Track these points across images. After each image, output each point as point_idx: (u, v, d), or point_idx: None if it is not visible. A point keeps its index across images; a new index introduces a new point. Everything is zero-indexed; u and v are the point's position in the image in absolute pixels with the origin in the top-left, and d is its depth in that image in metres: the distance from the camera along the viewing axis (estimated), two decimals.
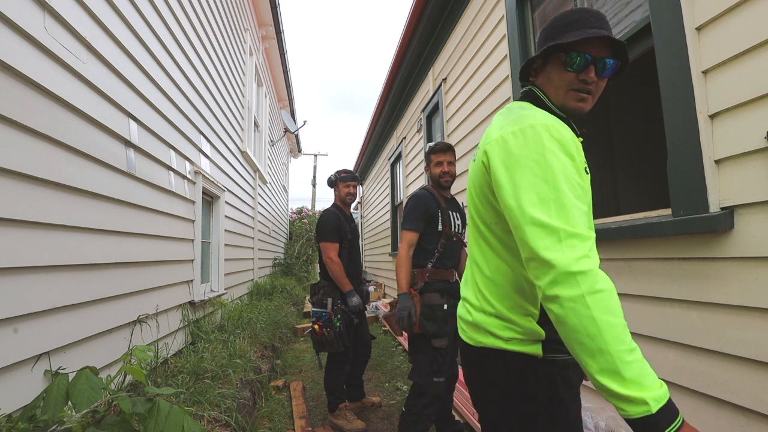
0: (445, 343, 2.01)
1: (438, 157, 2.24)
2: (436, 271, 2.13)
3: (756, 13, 1.23)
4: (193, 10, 3.13)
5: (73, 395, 0.90)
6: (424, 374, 2.00)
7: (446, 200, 2.25)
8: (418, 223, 2.13)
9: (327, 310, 2.56)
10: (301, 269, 9.23)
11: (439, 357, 2.00)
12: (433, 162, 2.26)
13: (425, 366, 2.01)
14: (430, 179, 2.30)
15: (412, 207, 2.17)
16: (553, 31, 0.94)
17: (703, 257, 1.37)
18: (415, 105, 5.43)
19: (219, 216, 3.94)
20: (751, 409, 1.22)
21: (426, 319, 2.03)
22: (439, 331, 2.02)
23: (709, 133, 1.36)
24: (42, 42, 1.47)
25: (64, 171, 1.58)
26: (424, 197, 2.19)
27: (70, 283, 1.61)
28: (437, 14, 4.09)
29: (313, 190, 19.60)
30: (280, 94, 8.80)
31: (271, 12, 6.02)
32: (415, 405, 1.99)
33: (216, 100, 3.80)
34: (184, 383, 2.13)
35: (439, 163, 2.24)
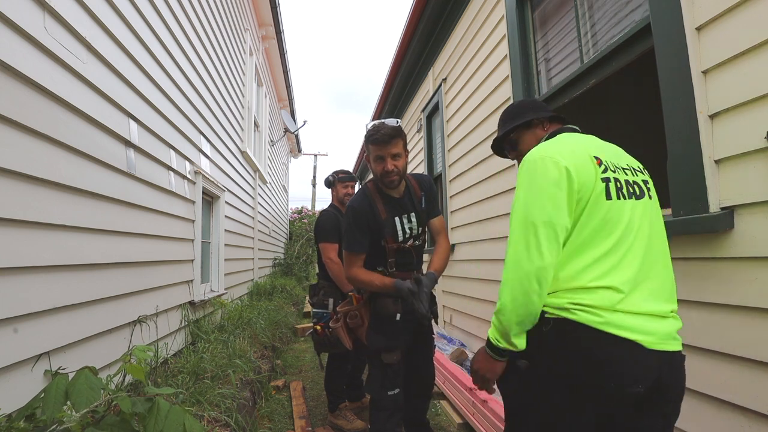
0: (396, 358, 1.79)
1: (378, 149, 1.71)
2: (391, 273, 1.83)
3: (756, 13, 1.23)
4: (193, 10, 3.13)
5: (72, 395, 0.90)
6: (377, 388, 1.80)
7: (393, 202, 1.84)
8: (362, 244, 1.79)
9: (328, 310, 2.56)
10: (301, 269, 9.22)
11: (389, 371, 1.78)
12: (371, 154, 1.75)
13: (376, 380, 1.82)
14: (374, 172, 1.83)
15: (348, 222, 1.81)
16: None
17: (703, 257, 1.37)
18: (415, 105, 5.43)
19: (219, 216, 3.94)
20: (751, 409, 1.22)
21: (375, 331, 1.79)
22: (389, 345, 1.78)
23: (709, 133, 1.36)
24: (42, 42, 1.47)
25: (64, 171, 1.58)
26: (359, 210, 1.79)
27: (70, 283, 1.61)
28: (437, 14, 4.09)
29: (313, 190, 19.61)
30: (280, 94, 8.80)
31: (271, 12, 6.02)
32: (376, 420, 1.82)
33: (216, 100, 3.80)
34: (184, 383, 2.13)
35: (379, 158, 1.72)
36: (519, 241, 1.03)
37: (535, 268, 0.99)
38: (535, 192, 1.03)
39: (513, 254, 1.03)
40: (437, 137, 4.59)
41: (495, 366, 1.09)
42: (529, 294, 0.99)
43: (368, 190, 1.86)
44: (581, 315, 0.97)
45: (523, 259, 1.00)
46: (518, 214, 1.05)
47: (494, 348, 1.07)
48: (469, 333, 3.60)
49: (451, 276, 3.99)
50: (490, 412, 2.14)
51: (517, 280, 1.00)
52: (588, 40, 2.16)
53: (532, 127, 1.33)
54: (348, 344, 1.93)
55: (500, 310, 1.03)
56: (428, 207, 1.94)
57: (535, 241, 1.00)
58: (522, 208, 1.04)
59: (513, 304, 1.00)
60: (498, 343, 1.05)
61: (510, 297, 1.01)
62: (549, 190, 1.02)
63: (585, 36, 2.18)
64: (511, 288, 1.01)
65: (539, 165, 1.05)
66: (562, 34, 2.41)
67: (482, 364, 1.12)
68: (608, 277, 0.99)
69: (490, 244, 3.16)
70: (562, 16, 2.41)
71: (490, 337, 1.07)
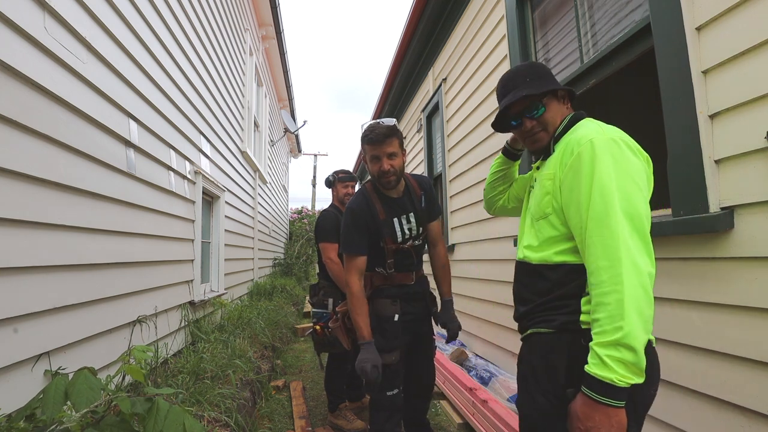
0: (395, 359, 1.77)
1: (374, 149, 1.69)
2: (390, 274, 1.83)
3: (756, 13, 1.23)
4: (193, 10, 3.13)
5: (72, 395, 0.90)
6: (376, 389, 1.78)
7: (391, 203, 1.82)
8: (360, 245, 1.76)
9: (328, 310, 2.57)
10: (301, 269, 9.23)
11: (388, 372, 1.76)
12: (367, 155, 1.74)
13: None
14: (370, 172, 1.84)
15: (345, 224, 1.79)
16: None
17: (703, 257, 1.37)
18: (415, 105, 5.43)
19: (219, 216, 3.94)
20: (751, 409, 1.22)
21: (374, 332, 1.76)
22: (387, 346, 1.75)
23: (709, 133, 1.36)
24: (42, 42, 1.47)
25: (64, 171, 1.58)
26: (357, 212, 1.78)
27: (70, 283, 1.61)
28: (437, 14, 4.09)
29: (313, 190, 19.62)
30: (280, 94, 8.80)
31: (271, 12, 6.02)
32: (376, 421, 1.81)
33: (216, 100, 3.80)
34: (184, 383, 2.13)
35: (375, 158, 1.71)
36: (628, 237, 0.82)
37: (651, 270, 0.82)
38: (632, 178, 0.88)
39: (627, 254, 0.81)
40: (437, 137, 4.59)
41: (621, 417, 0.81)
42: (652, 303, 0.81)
43: (366, 191, 1.84)
44: None
45: (639, 259, 0.81)
46: (618, 204, 0.85)
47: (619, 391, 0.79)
48: (469, 333, 3.60)
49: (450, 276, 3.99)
50: (490, 412, 2.14)
51: (641, 287, 0.80)
52: (588, 40, 2.16)
53: (559, 99, 1.13)
54: (347, 344, 1.93)
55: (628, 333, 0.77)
56: (428, 207, 1.93)
57: (644, 237, 0.84)
58: (621, 196, 0.85)
59: (641, 319, 0.78)
60: (628, 380, 0.78)
61: (637, 312, 0.78)
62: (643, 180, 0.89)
63: (585, 36, 2.18)
64: (636, 300, 0.79)
65: (626, 149, 0.90)
66: (562, 34, 2.41)
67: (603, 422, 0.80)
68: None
69: (490, 244, 3.16)
70: (562, 16, 2.41)
71: (614, 378, 0.78)
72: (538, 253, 1.06)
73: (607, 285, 0.81)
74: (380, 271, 1.84)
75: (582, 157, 0.92)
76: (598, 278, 0.83)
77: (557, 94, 1.12)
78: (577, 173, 0.93)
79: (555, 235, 1.02)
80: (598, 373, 0.80)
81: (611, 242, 0.83)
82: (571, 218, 0.95)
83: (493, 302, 3.07)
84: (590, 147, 0.91)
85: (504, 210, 1.48)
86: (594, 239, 0.86)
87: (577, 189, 0.93)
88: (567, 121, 1.09)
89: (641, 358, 0.78)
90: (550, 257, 1.02)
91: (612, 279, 0.81)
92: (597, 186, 0.88)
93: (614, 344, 0.78)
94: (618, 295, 0.79)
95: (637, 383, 0.79)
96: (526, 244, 1.12)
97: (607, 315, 0.80)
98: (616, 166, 0.88)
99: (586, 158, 0.91)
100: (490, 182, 1.47)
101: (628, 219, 0.84)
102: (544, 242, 1.05)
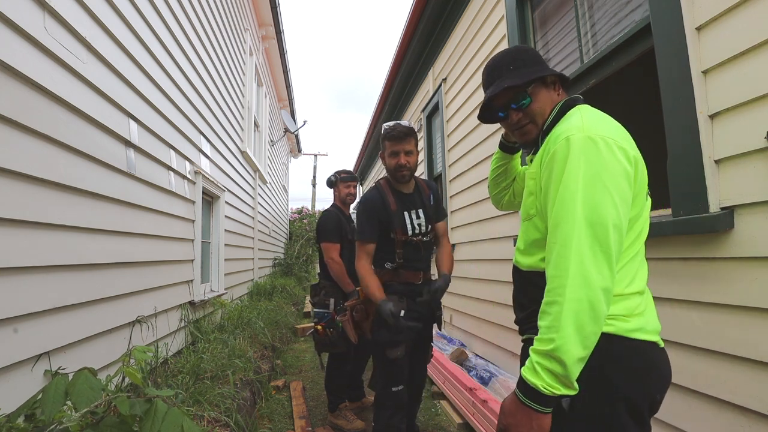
0: (400, 353, 1.81)
1: (394, 145, 1.85)
2: (397, 272, 1.90)
3: (756, 13, 1.23)
4: (193, 10, 3.13)
5: (73, 395, 0.90)
6: (380, 385, 1.84)
7: (403, 197, 1.94)
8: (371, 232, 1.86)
9: (329, 310, 2.57)
10: (301, 269, 9.23)
11: (394, 367, 1.82)
12: (387, 150, 1.88)
13: (381, 377, 1.85)
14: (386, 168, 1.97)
15: (361, 212, 1.90)
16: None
17: (703, 257, 1.37)
18: (415, 105, 5.43)
19: (219, 216, 3.94)
20: (751, 409, 1.22)
21: (378, 326, 1.83)
22: (393, 340, 1.80)
23: (709, 133, 1.36)
24: (42, 42, 1.47)
25: (64, 171, 1.58)
26: (372, 202, 1.90)
27: (70, 283, 1.61)
28: (437, 14, 4.09)
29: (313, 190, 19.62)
30: (280, 94, 8.80)
31: (271, 12, 6.02)
32: (380, 418, 1.84)
33: (216, 100, 3.80)
34: (183, 383, 2.13)
35: (394, 153, 1.86)
36: (584, 246, 0.79)
37: (606, 284, 0.78)
38: (604, 183, 0.81)
39: (578, 265, 0.78)
40: (437, 137, 4.59)
41: (543, 421, 0.82)
42: (599, 319, 0.77)
43: (380, 185, 1.98)
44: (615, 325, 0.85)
45: (593, 272, 0.77)
46: (581, 210, 0.80)
47: (544, 398, 0.79)
48: (469, 333, 3.60)
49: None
50: (490, 412, 2.14)
51: (587, 301, 0.77)
52: (588, 40, 2.16)
53: (548, 86, 1.03)
54: (353, 337, 1.99)
55: (559, 347, 0.77)
56: (436, 205, 2.05)
57: (606, 249, 0.79)
58: (585, 202, 0.81)
59: (579, 335, 0.76)
60: (553, 390, 0.78)
61: (574, 325, 0.77)
62: (620, 185, 0.82)
63: (585, 36, 2.18)
64: (576, 314, 0.77)
65: (604, 149, 0.83)
66: (562, 34, 2.41)
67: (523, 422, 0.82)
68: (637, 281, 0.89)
69: (490, 244, 3.16)
70: (562, 16, 2.41)
71: (539, 385, 0.79)
72: (526, 258, 1.04)
73: (552, 295, 0.81)
74: (388, 266, 1.91)
75: (556, 156, 0.87)
76: (549, 286, 0.83)
77: (546, 80, 1.03)
78: (550, 174, 0.88)
79: (538, 238, 0.98)
80: (527, 377, 0.81)
81: (563, 251, 0.80)
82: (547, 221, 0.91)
83: (493, 302, 3.07)
84: (565, 146, 0.86)
85: (511, 205, 1.40)
86: (551, 246, 0.84)
87: (549, 190, 0.88)
88: (557, 111, 1.00)
89: (571, 371, 0.77)
90: (537, 264, 0.99)
91: (556, 290, 0.80)
92: (562, 190, 0.84)
93: (545, 354, 0.79)
94: (558, 307, 0.78)
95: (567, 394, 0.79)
96: (517, 247, 1.10)
97: (546, 325, 0.80)
98: (588, 168, 0.82)
99: (559, 158, 0.86)
100: (492, 179, 1.40)
101: (588, 227, 0.79)
102: (530, 245, 1.01)
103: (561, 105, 1.01)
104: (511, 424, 0.84)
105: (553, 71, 1.03)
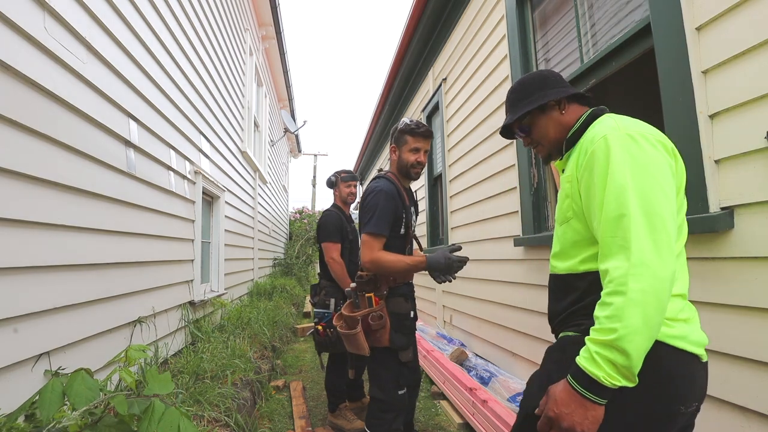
0: (411, 356, 1.83)
1: (417, 141, 1.86)
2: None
3: (756, 13, 1.23)
4: (193, 10, 3.13)
5: (70, 396, 0.90)
6: (388, 389, 1.80)
7: (407, 193, 1.95)
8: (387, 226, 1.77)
9: (330, 310, 2.56)
10: (301, 269, 9.23)
11: (405, 370, 1.82)
12: (409, 146, 1.87)
13: (389, 381, 1.81)
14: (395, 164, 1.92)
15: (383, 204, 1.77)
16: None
17: (703, 257, 1.37)
18: (415, 105, 5.43)
19: (219, 216, 3.94)
20: (751, 409, 1.22)
21: (395, 330, 1.79)
22: (407, 343, 1.81)
23: (709, 133, 1.36)
24: (42, 42, 1.47)
25: (64, 171, 1.58)
26: (392, 194, 1.81)
27: (70, 283, 1.61)
28: (437, 14, 4.09)
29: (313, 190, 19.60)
30: (280, 94, 8.80)
31: (271, 12, 6.02)
32: (382, 423, 1.80)
33: (216, 100, 3.80)
34: (183, 383, 2.13)
35: (415, 149, 1.86)
36: (643, 237, 0.78)
37: (669, 273, 0.77)
38: (652, 174, 0.82)
39: (639, 255, 0.77)
40: (437, 137, 4.59)
41: (598, 413, 0.80)
42: (663, 309, 0.77)
43: (392, 178, 1.89)
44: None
45: (655, 261, 0.76)
46: (635, 202, 0.80)
47: (602, 389, 0.78)
48: (469, 333, 3.60)
49: None
50: (490, 412, 2.14)
51: (652, 290, 0.75)
52: (588, 40, 2.16)
53: (548, 111, 1.11)
54: (366, 350, 1.80)
55: (623, 336, 0.75)
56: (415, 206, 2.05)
57: (667, 237, 0.78)
58: (638, 193, 0.81)
59: (646, 324, 0.75)
60: (614, 382, 0.77)
61: (642, 315, 0.75)
62: (665, 176, 0.83)
63: (585, 36, 2.18)
64: (644, 302, 0.75)
65: (645, 143, 0.85)
66: (562, 34, 2.41)
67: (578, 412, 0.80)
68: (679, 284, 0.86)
69: (490, 244, 3.16)
70: (562, 16, 2.41)
71: (600, 376, 0.78)
72: (563, 262, 1.03)
73: (613, 285, 0.79)
74: None
75: (596, 155, 0.88)
76: (609, 278, 0.81)
77: (544, 107, 1.11)
78: (592, 173, 0.89)
79: (578, 240, 0.98)
80: (586, 366, 0.80)
81: (623, 243, 0.79)
82: (592, 221, 0.90)
83: (493, 302, 3.07)
84: (604, 144, 0.87)
85: None
86: (607, 240, 0.83)
87: (593, 189, 0.89)
88: (583, 120, 1.04)
89: (634, 363, 0.76)
90: (576, 266, 0.98)
91: (618, 280, 0.78)
92: (611, 185, 0.84)
93: (607, 344, 0.77)
94: (621, 297, 0.77)
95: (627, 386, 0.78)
96: (552, 252, 1.09)
97: (607, 315, 0.78)
98: (633, 162, 0.83)
99: (600, 156, 0.87)
100: None
101: (645, 218, 0.79)
102: (569, 247, 1.01)
103: (587, 115, 1.04)
104: (564, 413, 0.81)
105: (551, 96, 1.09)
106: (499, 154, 2.99)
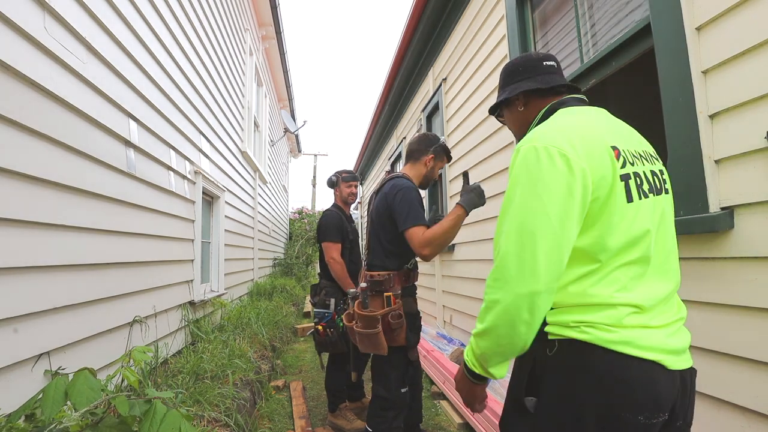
0: (417, 354, 1.94)
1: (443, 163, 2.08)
2: (410, 272, 1.95)
3: (756, 13, 1.23)
4: (193, 10, 3.13)
5: (72, 395, 0.90)
6: (393, 388, 1.85)
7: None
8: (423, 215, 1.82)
9: (330, 310, 2.56)
10: (301, 269, 9.23)
11: (411, 369, 1.92)
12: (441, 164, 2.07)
13: (394, 379, 1.85)
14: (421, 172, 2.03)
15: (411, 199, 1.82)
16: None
17: (703, 257, 1.37)
18: (415, 105, 5.43)
19: (219, 216, 3.94)
20: (751, 409, 1.22)
21: (409, 329, 1.85)
22: (416, 341, 1.93)
23: (709, 133, 1.36)
24: (42, 42, 1.47)
25: (64, 171, 1.58)
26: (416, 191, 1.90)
27: (70, 283, 1.61)
28: (437, 14, 4.09)
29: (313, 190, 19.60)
30: (280, 94, 8.80)
31: (271, 12, 6.02)
32: (383, 420, 1.84)
33: (216, 100, 3.80)
34: (183, 383, 2.13)
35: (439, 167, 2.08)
36: (510, 253, 0.81)
37: (527, 291, 0.78)
38: (539, 193, 0.81)
39: (501, 269, 0.82)
40: None
41: (474, 389, 0.97)
42: (515, 324, 0.80)
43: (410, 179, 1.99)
44: (593, 333, 0.80)
45: (513, 277, 0.80)
46: (512, 219, 0.83)
47: (471, 372, 0.93)
48: (469, 333, 3.60)
49: (451, 276, 3.99)
50: (490, 412, 2.15)
51: (503, 303, 0.81)
52: (588, 40, 2.16)
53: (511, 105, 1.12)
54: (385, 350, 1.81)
55: (480, 333, 0.87)
56: None
57: (532, 256, 0.79)
58: (518, 211, 0.83)
59: (494, 333, 0.83)
60: (473, 367, 0.92)
61: (492, 322, 0.83)
62: (557, 194, 0.80)
63: (585, 36, 2.18)
64: (495, 312, 0.82)
65: (543, 158, 0.82)
66: (562, 34, 2.41)
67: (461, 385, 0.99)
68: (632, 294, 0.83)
69: (490, 244, 3.16)
70: (562, 16, 2.41)
71: (466, 359, 0.94)
72: None
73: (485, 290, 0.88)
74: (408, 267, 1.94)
75: (510, 166, 0.91)
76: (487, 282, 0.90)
77: (508, 102, 1.12)
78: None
79: None
80: (466, 351, 0.95)
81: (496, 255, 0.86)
82: None
83: None
84: (514, 156, 0.89)
85: None
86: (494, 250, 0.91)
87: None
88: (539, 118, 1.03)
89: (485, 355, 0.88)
90: None
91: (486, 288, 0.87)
92: (505, 199, 0.88)
93: (474, 335, 0.90)
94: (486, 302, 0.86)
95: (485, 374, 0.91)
96: None
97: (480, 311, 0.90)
98: (527, 178, 0.84)
99: (510, 168, 0.90)
100: None
101: (516, 236, 0.82)
102: None
103: (544, 111, 1.03)
104: (459, 388, 1.01)
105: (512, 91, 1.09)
106: (499, 154, 2.99)
